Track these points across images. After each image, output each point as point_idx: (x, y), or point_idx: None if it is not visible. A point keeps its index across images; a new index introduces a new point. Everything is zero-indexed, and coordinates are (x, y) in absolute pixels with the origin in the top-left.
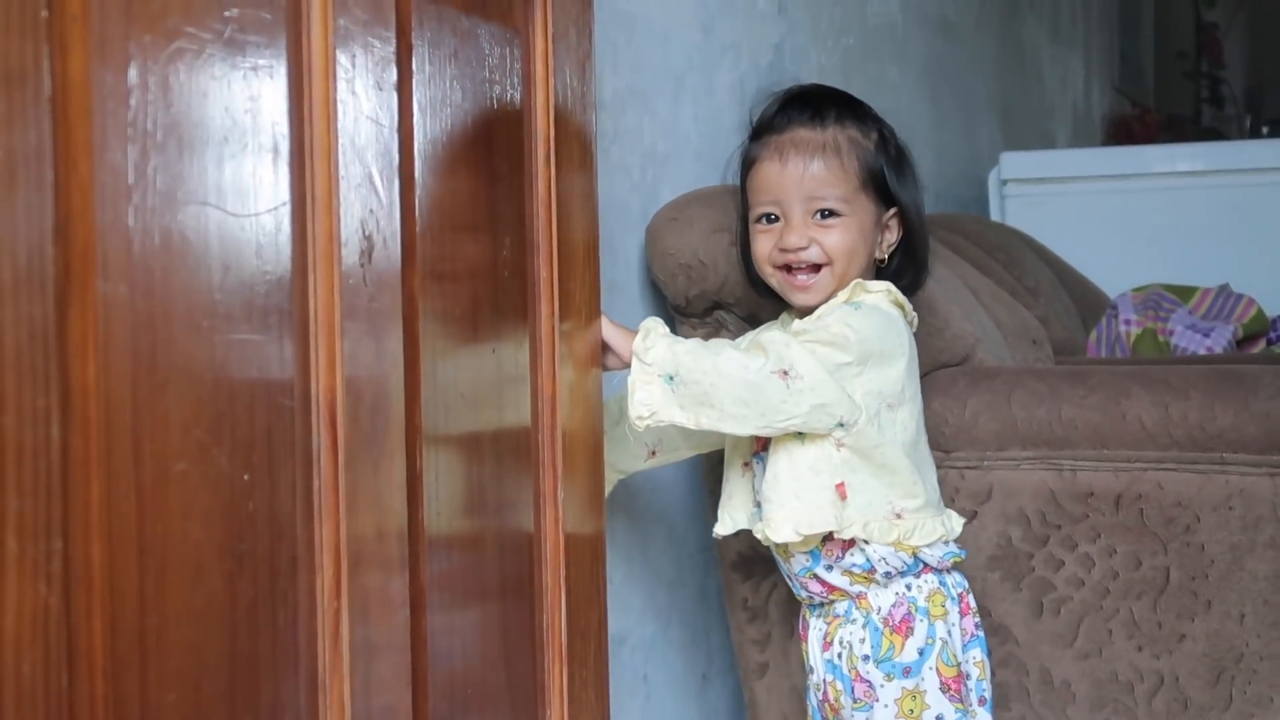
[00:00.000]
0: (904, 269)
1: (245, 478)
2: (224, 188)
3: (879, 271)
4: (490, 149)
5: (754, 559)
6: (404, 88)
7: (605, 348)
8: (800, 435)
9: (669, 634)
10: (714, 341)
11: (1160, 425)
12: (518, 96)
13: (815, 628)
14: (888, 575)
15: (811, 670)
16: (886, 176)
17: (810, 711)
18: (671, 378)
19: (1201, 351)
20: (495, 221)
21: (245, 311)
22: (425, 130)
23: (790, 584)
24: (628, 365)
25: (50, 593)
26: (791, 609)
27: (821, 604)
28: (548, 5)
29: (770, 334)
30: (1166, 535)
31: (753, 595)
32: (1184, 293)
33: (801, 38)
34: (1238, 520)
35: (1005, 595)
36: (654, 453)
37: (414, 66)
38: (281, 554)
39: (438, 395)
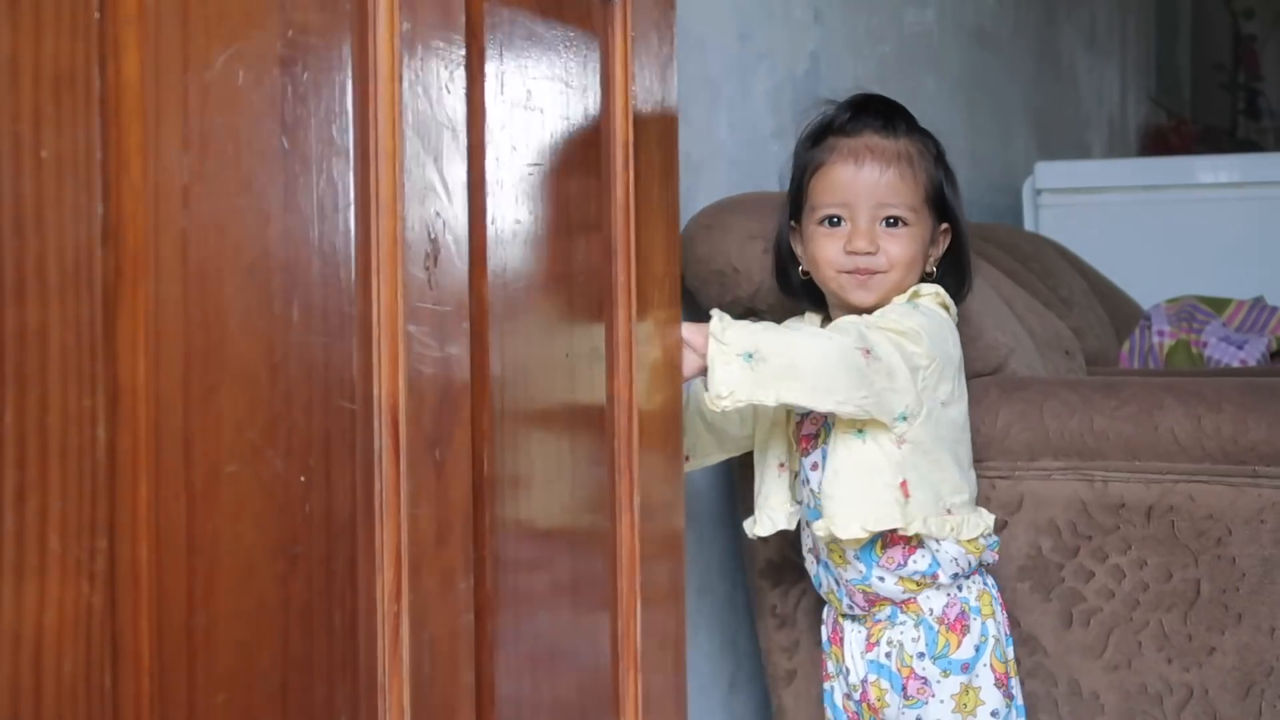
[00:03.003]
0: (948, 282)
1: (301, 479)
2: (283, 190)
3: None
4: (566, 153)
5: (783, 566)
6: (474, 92)
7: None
8: (860, 432)
9: (696, 640)
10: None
11: (1193, 437)
12: (596, 100)
13: (853, 631)
14: (954, 577)
15: (847, 672)
16: (945, 190)
17: (832, 716)
18: (750, 355)
19: (1235, 364)
20: (570, 226)
21: (304, 314)
22: (496, 135)
23: (830, 593)
24: (704, 365)
25: (93, 591)
26: (820, 616)
27: (861, 615)
28: (627, 8)
29: (846, 319)
30: (1198, 548)
31: (781, 602)
32: (1218, 304)
33: (838, 46)
34: (1269, 534)
35: (1035, 606)
36: (688, 457)
37: (485, 70)
38: (339, 556)
39: (507, 399)
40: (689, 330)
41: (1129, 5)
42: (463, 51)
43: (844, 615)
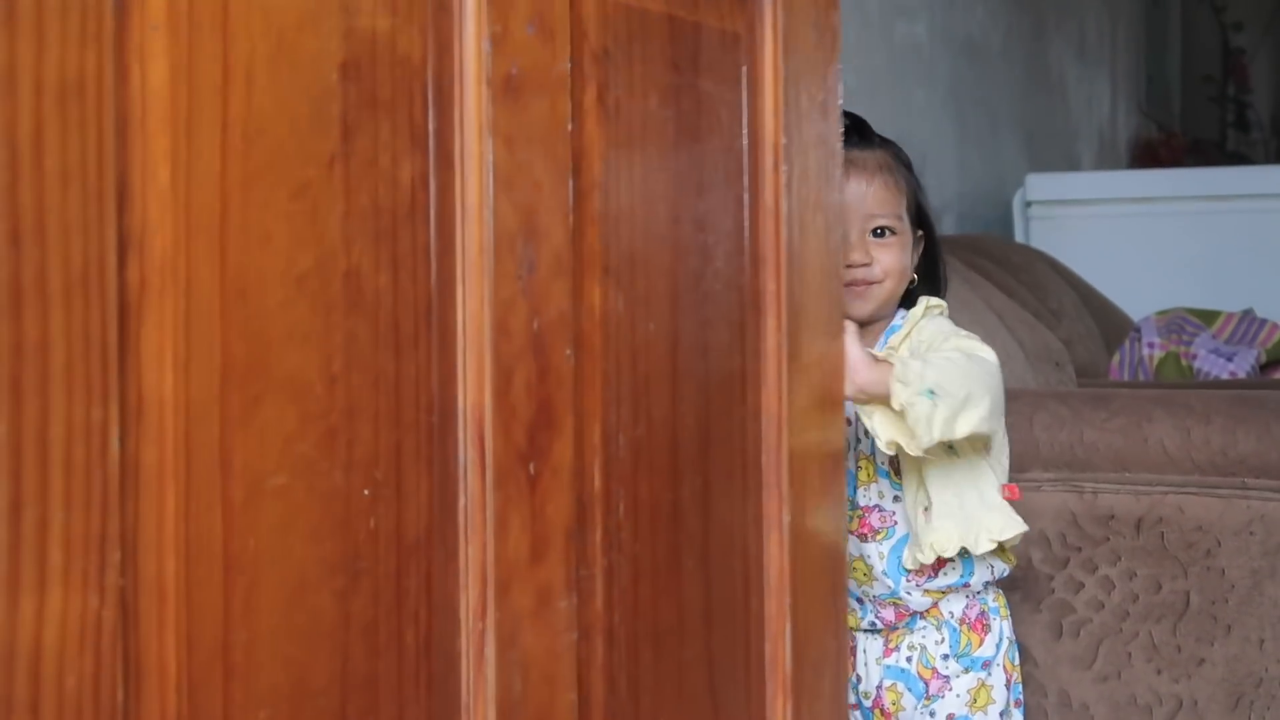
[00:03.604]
0: (924, 289)
1: (365, 494)
2: (344, 195)
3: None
4: (699, 157)
5: None
6: (579, 89)
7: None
8: (951, 448)
9: None
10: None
11: (1182, 449)
12: (738, 101)
13: (867, 640)
14: (986, 585)
15: (858, 680)
16: (919, 198)
17: None
18: (932, 392)
19: (1224, 376)
20: (703, 233)
21: (368, 325)
22: (607, 136)
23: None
24: (856, 391)
25: (104, 605)
26: None
27: (880, 629)
28: (777, 6)
29: (956, 341)
30: (1187, 559)
31: None
32: (1208, 317)
33: None
34: (1258, 545)
35: (1025, 616)
36: None
37: (591, 67)
38: (412, 573)
39: (623, 413)
40: (853, 349)
41: (1118, 18)
42: (567, 47)
43: (860, 630)
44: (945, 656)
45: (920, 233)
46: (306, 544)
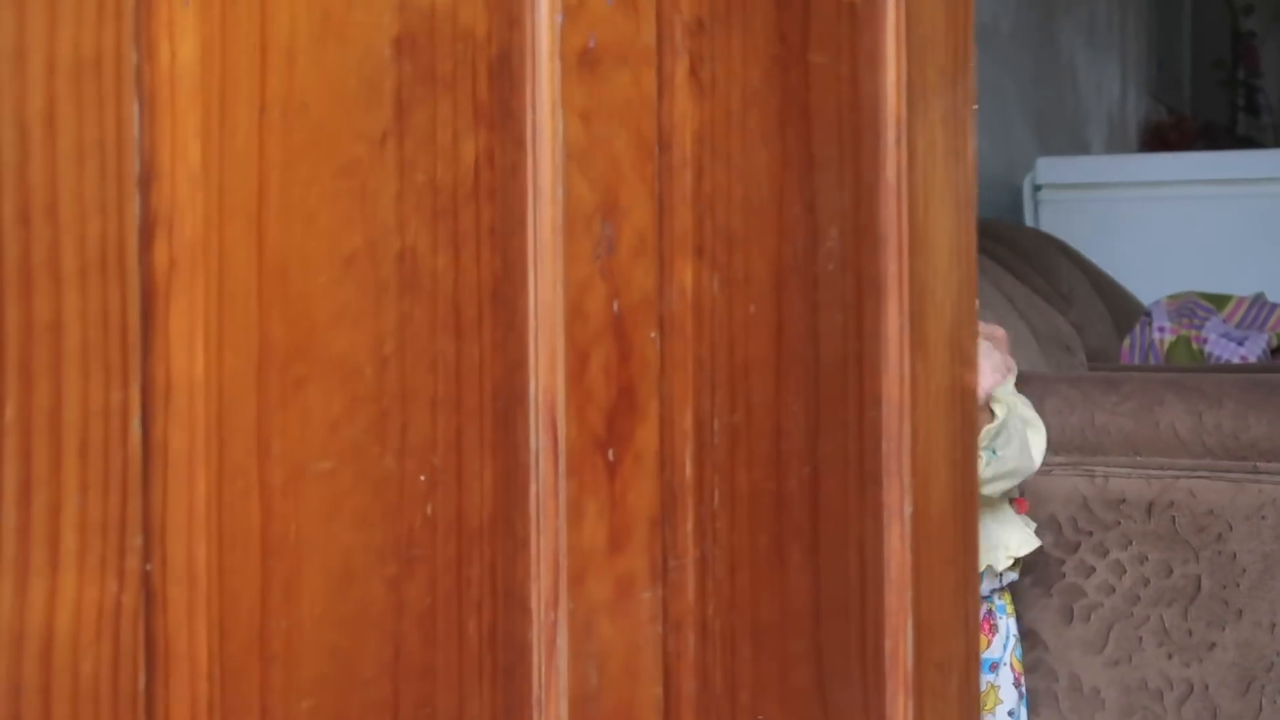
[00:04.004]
0: None
1: (421, 479)
2: (397, 172)
3: None
4: (808, 133)
5: None
6: (669, 63)
7: None
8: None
9: None
10: None
11: (1193, 433)
12: (854, 73)
13: None
14: (995, 590)
15: None
16: None
17: None
18: (994, 451)
19: (1235, 360)
20: (813, 211)
21: (426, 306)
22: (701, 111)
23: None
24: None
25: (123, 590)
26: None
27: None
28: None
29: (1024, 413)
30: (1198, 543)
31: None
32: (1218, 301)
33: None
34: (1270, 529)
35: (1035, 601)
36: None
37: (683, 39)
38: (474, 561)
39: (718, 399)
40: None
41: (1128, 2)
42: (653, 14)
43: None
44: None
45: None
46: (354, 530)
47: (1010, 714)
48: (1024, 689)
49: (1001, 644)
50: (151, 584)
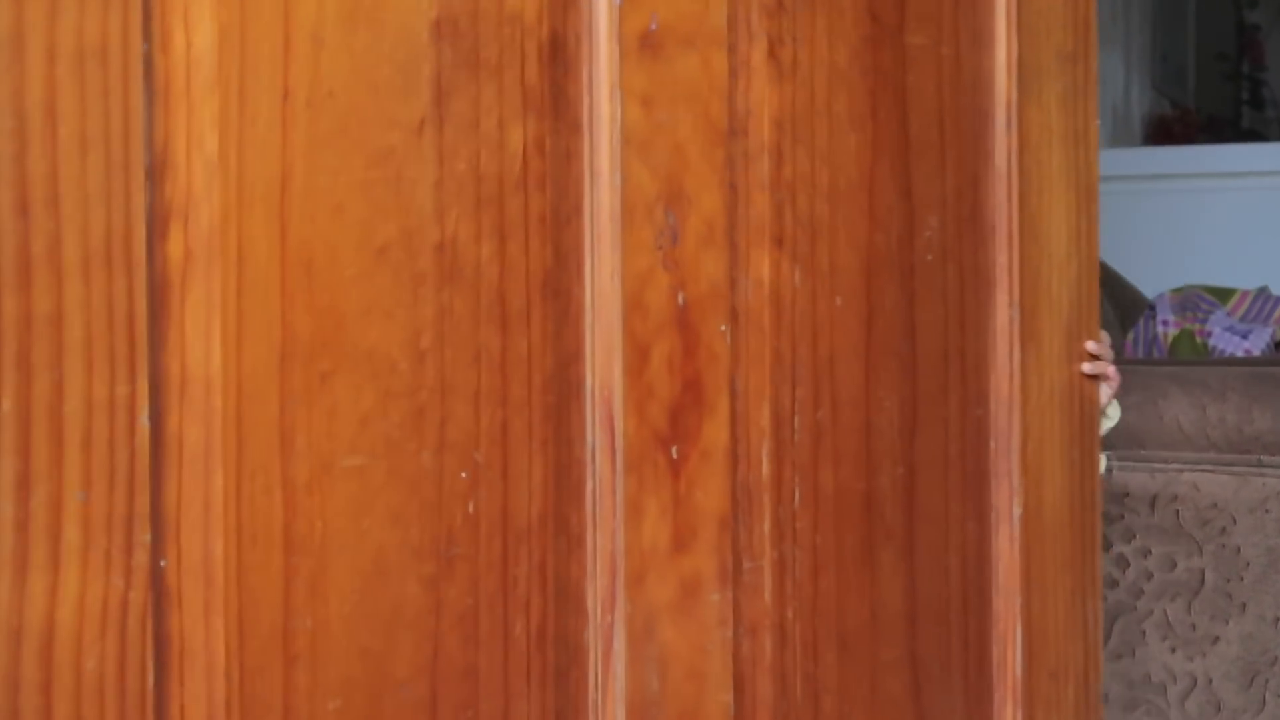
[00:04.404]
0: None
1: (462, 475)
2: (437, 162)
3: None
4: (903, 117)
5: None
6: (744, 44)
7: None
8: None
9: None
10: None
11: (1197, 426)
12: (957, 55)
13: None
14: None
15: None
16: None
17: None
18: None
19: (1239, 353)
20: (909, 198)
21: (468, 298)
22: (781, 94)
23: None
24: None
25: (130, 587)
26: None
27: None
28: None
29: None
30: (1202, 537)
31: None
32: (1222, 294)
33: None
34: (1274, 522)
35: None
36: None
37: (760, 20)
38: (522, 560)
39: (799, 390)
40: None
41: None
42: None
43: None
44: None
45: None
46: (387, 527)
47: None
48: None
49: None
50: (165, 580)
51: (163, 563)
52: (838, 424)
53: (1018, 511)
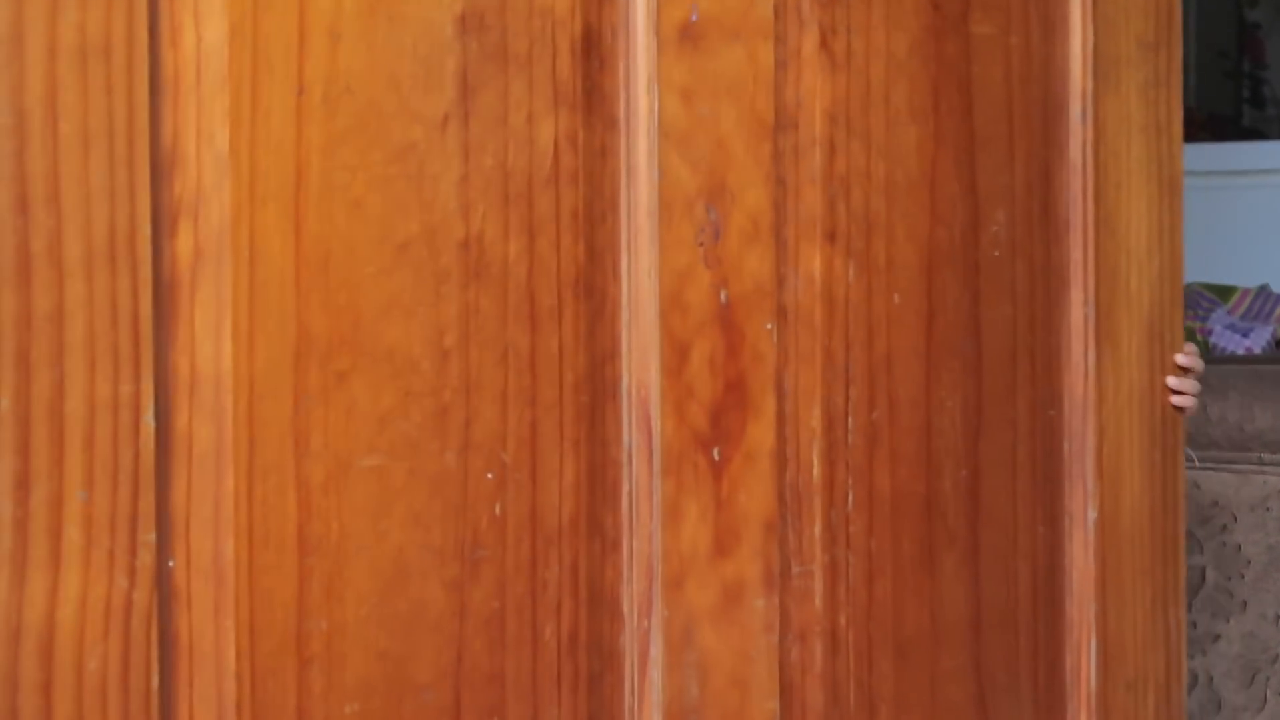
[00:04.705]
0: None
1: (488, 476)
2: (462, 157)
3: None
4: (967, 106)
5: None
6: (795, 35)
7: None
8: None
9: None
10: None
11: (1198, 424)
12: (1026, 44)
13: None
14: None
15: None
16: None
17: None
18: None
19: (1240, 351)
20: (974, 192)
21: (495, 296)
22: (834, 86)
23: None
24: None
25: (134, 586)
26: None
27: None
28: None
29: None
30: (1203, 535)
31: None
32: (1223, 292)
33: None
34: (1275, 521)
35: None
36: None
37: (811, 9)
38: (552, 563)
39: (853, 390)
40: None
41: None
42: None
43: None
44: None
45: None
46: (408, 529)
47: None
48: None
49: None
50: (173, 581)
51: (170, 562)
52: (895, 425)
53: (1093, 516)
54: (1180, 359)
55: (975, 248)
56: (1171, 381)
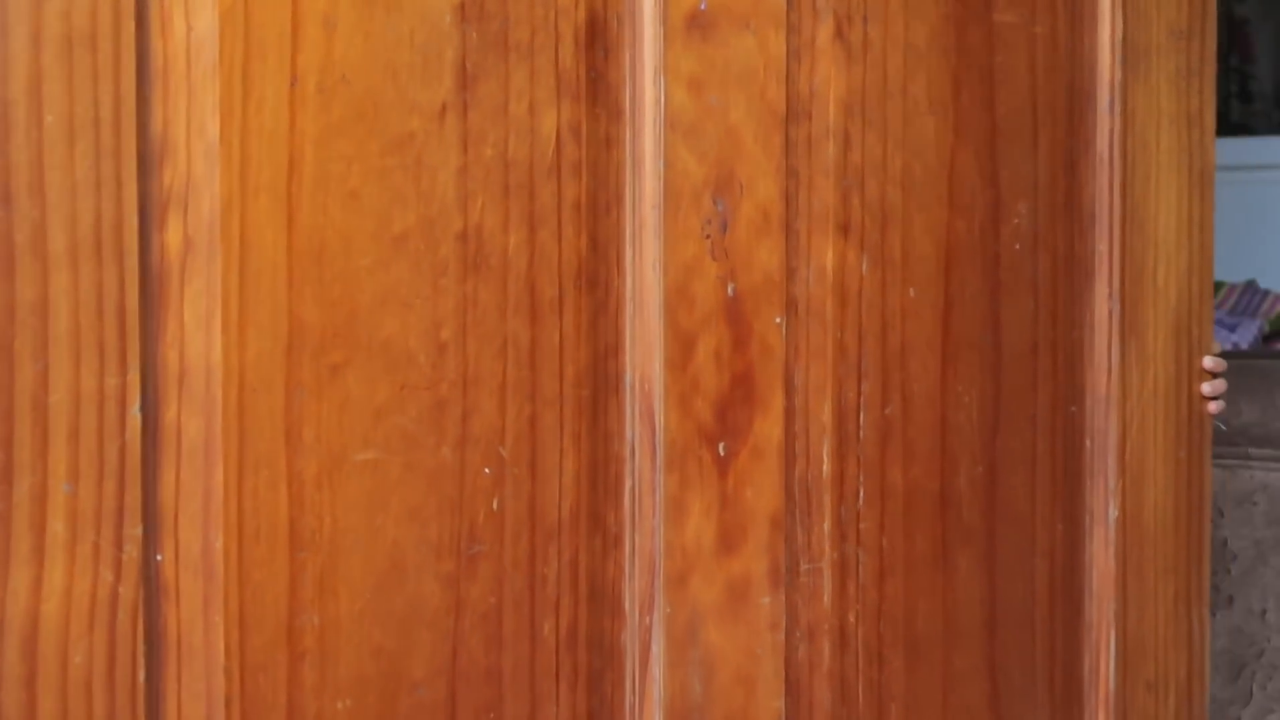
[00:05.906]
0: None
1: (486, 471)
2: (462, 145)
3: None
4: (989, 97)
5: None
6: (809, 24)
7: None
8: None
9: None
10: None
11: None
12: (1053, 33)
13: None
14: None
15: None
16: None
17: None
18: None
19: (1227, 346)
20: (995, 184)
21: (494, 289)
22: (850, 76)
23: None
24: None
25: (120, 581)
26: None
27: None
28: None
29: None
30: None
31: None
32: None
33: None
34: (1262, 515)
35: None
36: None
37: (823, 0)
38: (550, 559)
39: (866, 385)
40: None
41: None
42: None
43: None
44: None
45: None
46: (403, 524)
47: None
48: None
49: None
50: (161, 575)
51: (158, 556)
52: (909, 420)
53: (1114, 513)
54: (1208, 362)
55: (995, 240)
56: (1205, 389)
